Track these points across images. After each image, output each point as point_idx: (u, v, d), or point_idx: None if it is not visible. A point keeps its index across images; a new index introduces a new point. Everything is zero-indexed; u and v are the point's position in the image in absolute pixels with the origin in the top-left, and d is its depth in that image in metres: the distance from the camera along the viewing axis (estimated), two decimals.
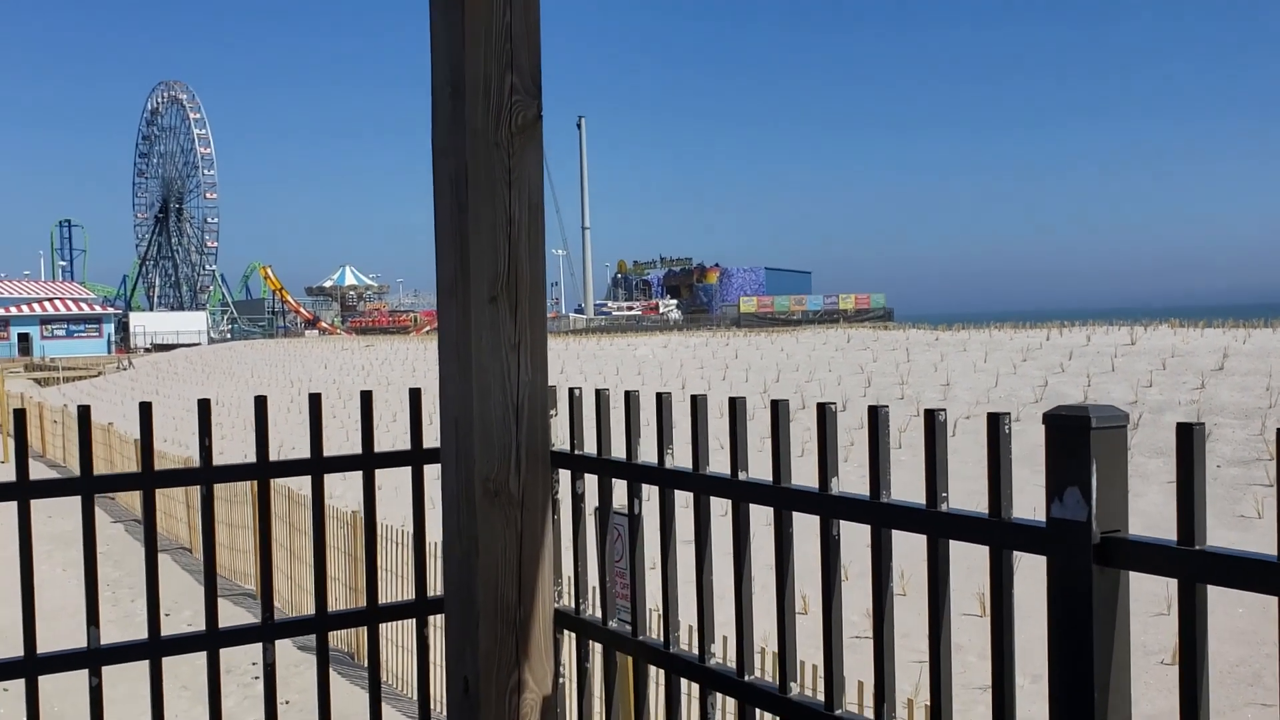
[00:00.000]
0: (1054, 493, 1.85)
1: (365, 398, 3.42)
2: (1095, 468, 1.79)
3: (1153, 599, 10.36)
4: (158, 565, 3.12)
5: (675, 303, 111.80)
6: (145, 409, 3.10)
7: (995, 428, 2.01)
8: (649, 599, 3.06)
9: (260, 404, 3.26)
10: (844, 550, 2.46)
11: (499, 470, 3.04)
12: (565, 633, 3.25)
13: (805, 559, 2.43)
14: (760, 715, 2.62)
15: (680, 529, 2.86)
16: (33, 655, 2.94)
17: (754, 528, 2.65)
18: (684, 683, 2.85)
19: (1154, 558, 1.77)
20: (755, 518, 2.67)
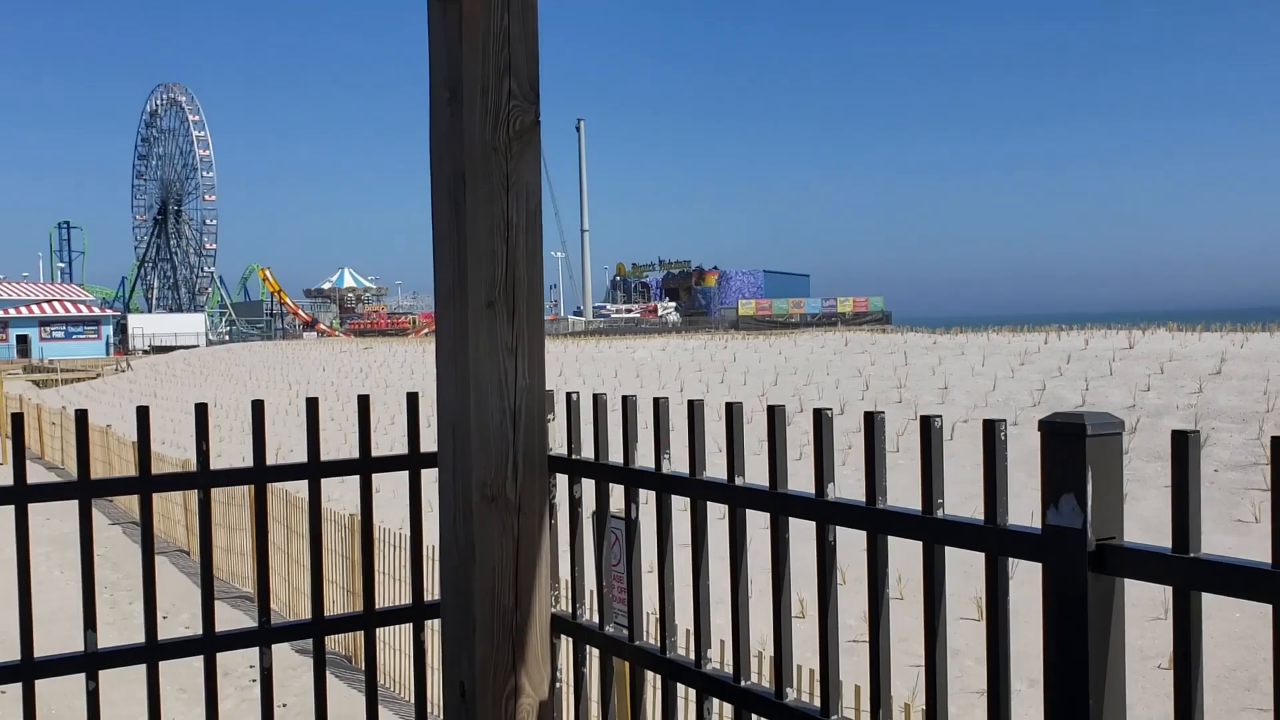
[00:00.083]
0: (1049, 500, 1.85)
1: (362, 402, 3.43)
2: (1091, 475, 1.80)
3: (1150, 603, 10.36)
4: (154, 569, 3.12)
5: (674, 305, 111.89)
6: (142, 413, 3.10)
7: (991, 434, 2.01)
8: (646, 603, 3.06)
9: (257, 408, 3.26)
10: (841, 552, 2.46)
11: (496, 476, 3.04)
12: (562, 637, 3.25)
13: (802, 561, 2.43)
14: None
15: (678, 532, 2.86)
16: (30, 659, 2.94)
17: (751, 531, 2.66)
18: (680, 687, 2.85)
19: (1149, 565, 1.77)
20: (752, 521, 2.68)
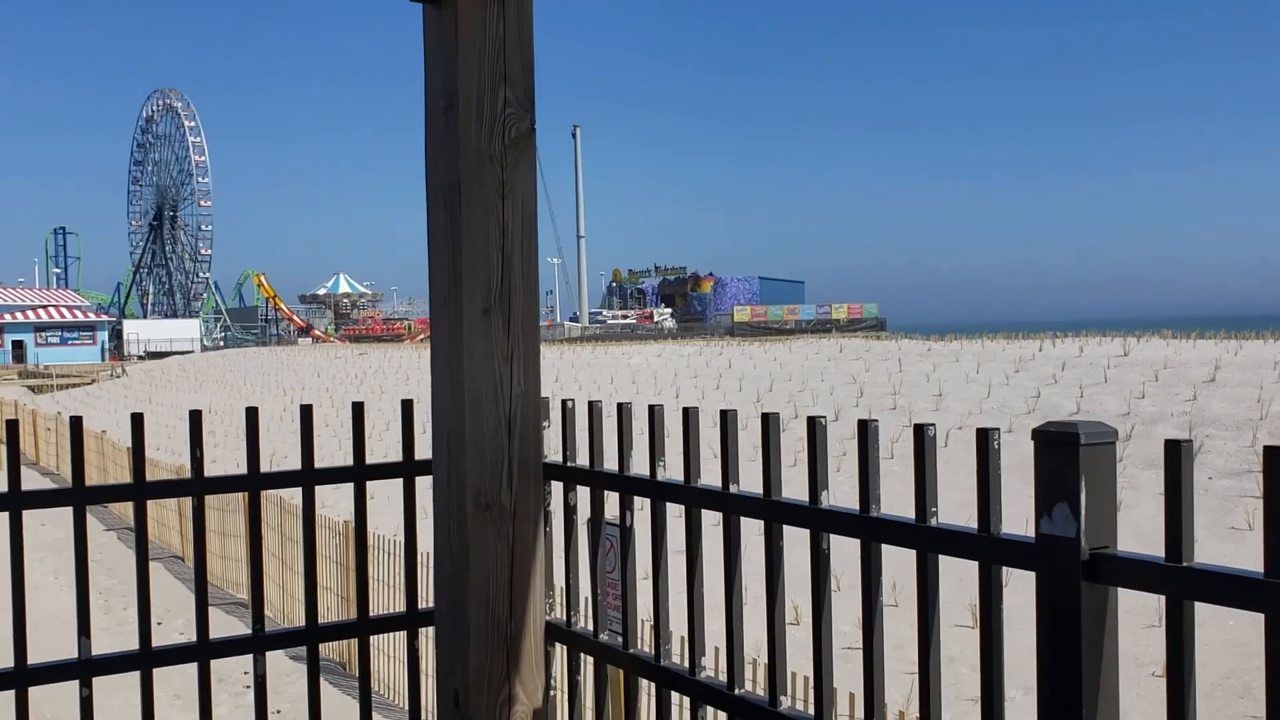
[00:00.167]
0: (1043, 509, 1.86)
1: (357, 409, 3.43)
2: (1084, 484, 1.80)
3: (1144, 611, 10.37)
4: (149, 576, 3.12)
5: (670, 311, 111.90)
6: (137, 420, 3.10)
7: (984, 443, 2.02)
8: (641, 610, 3.06)
9: (251, 415, 3.26)
10: (836, 559, 2.47)
11: (491, 483, 3.04)
12: (557, 645, 3.25)
13: (796, 567, 2.43)
14: None
15: (673, 538, 2.86)
16: (23, 666, 2.93)
17: (746, 537, 2.66)
18: (675, 695, 2.85)
19: (1142, 574, 1.78)
20: (747, 527, 2.68)
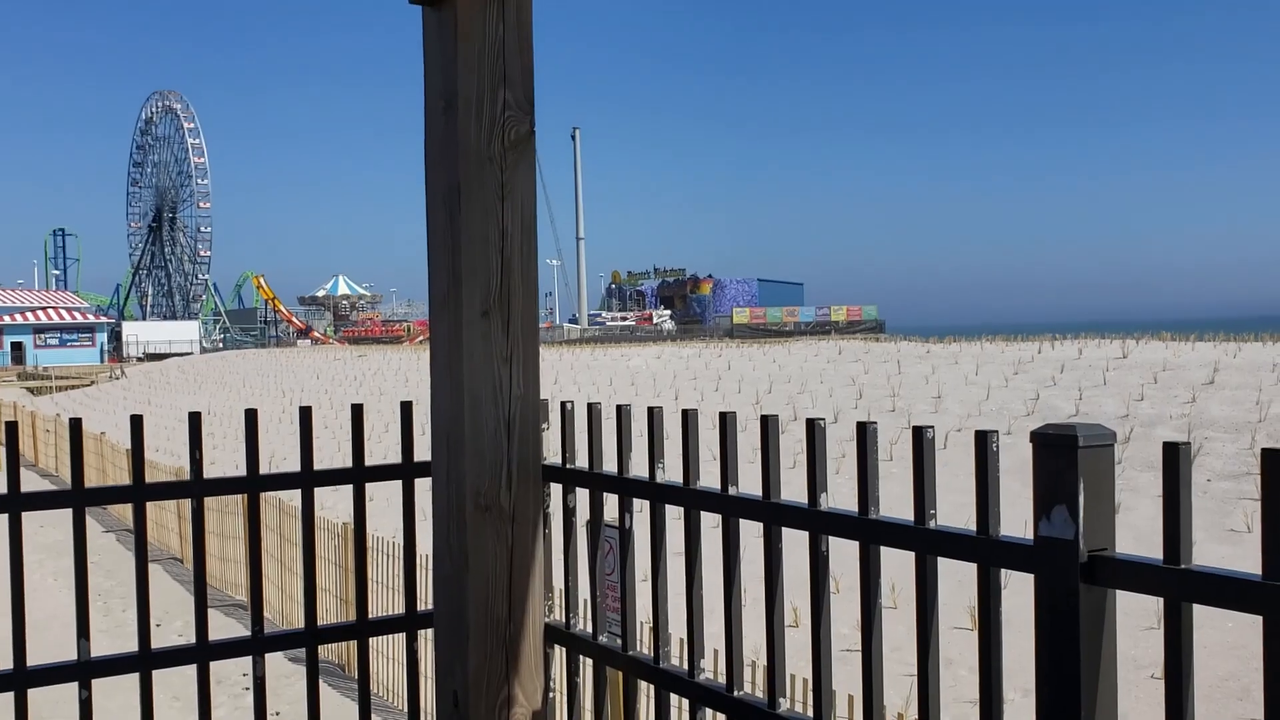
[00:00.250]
0: (1041, 511, 1.86)
1: (356, 411, 3.43)
2: (1082, 486, 1.80)
3: (1143, 613, 10.37)
4: (148, 578, 3.12)
5: (669, 313, 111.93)
6: (137, 423, 3.10)
7: (983, 446, 2.02)
8: (640, 612, 3.06)
9: (250, 417, 3.26)
10: (835, 561, 2.47)
11: (490, 485, 3.04)
12: (556, 647, 3.25)
13: (796, 569, 2.44)
14: None
15: (672, 540, 2.86)
16: (23, 668, 2.93)
17: (745, 539, 2.66)
18: (674, 698, 2.85)
19: (1140, 577, 1.78)
20: (746, 529, 2.68)
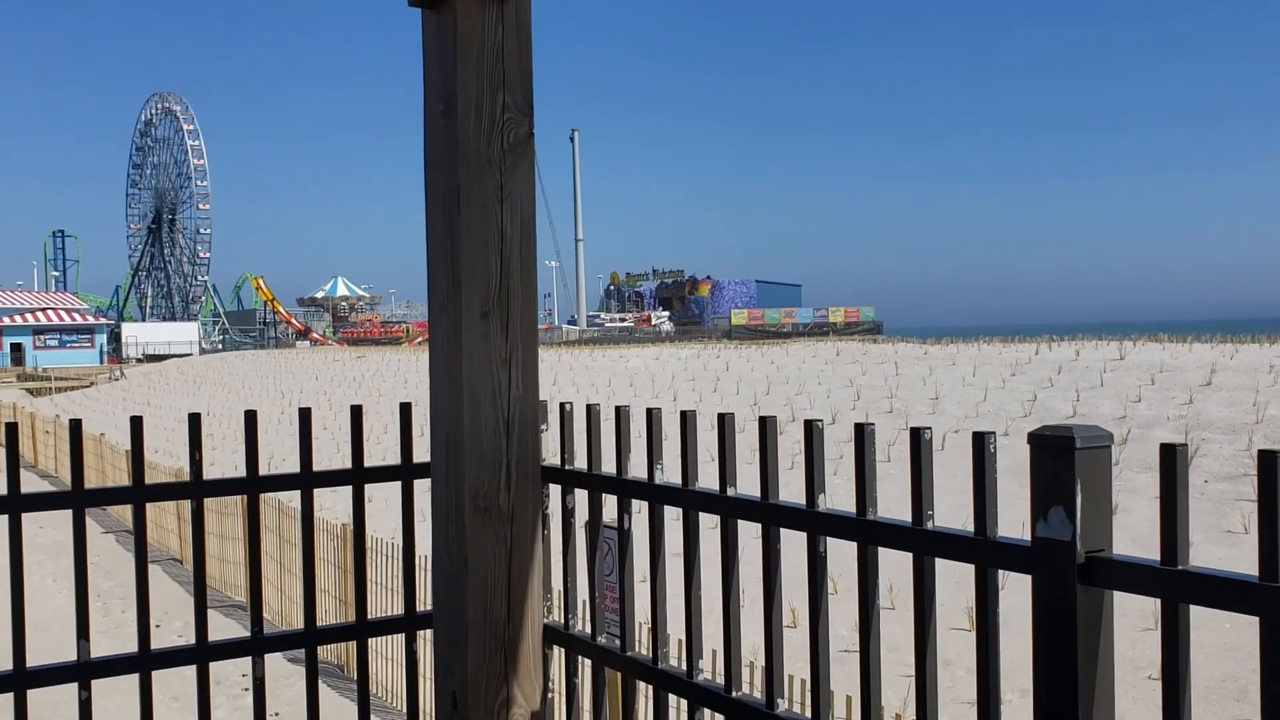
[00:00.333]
0: (1039, 512, 1.87)
1: (355, 412, 3.43)
2: (1080, 487, 1.81)
3: (1140, 614, 10.38)
4: (148, 579, 3.12)
5: (667, 315, 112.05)
6: (136, 424, 3.11)
7: (980, 447, 2.02)
8: (638, 613, 3.07)
9: (250, 418, 3.27)
10: (833, 562, 2.48)
11: (489, 486, 3.04)
12: (554, 648, 3.26)
13: (794, 570, 2.44)
14: None
15: (671, 541, 2.87)
16: (22, 669, 2.94)
17: (743, 540, 2.67)
18: (672, 698, 2.86)
19: (1137, 578, 1.79)
20: (744, 530, 2.69)
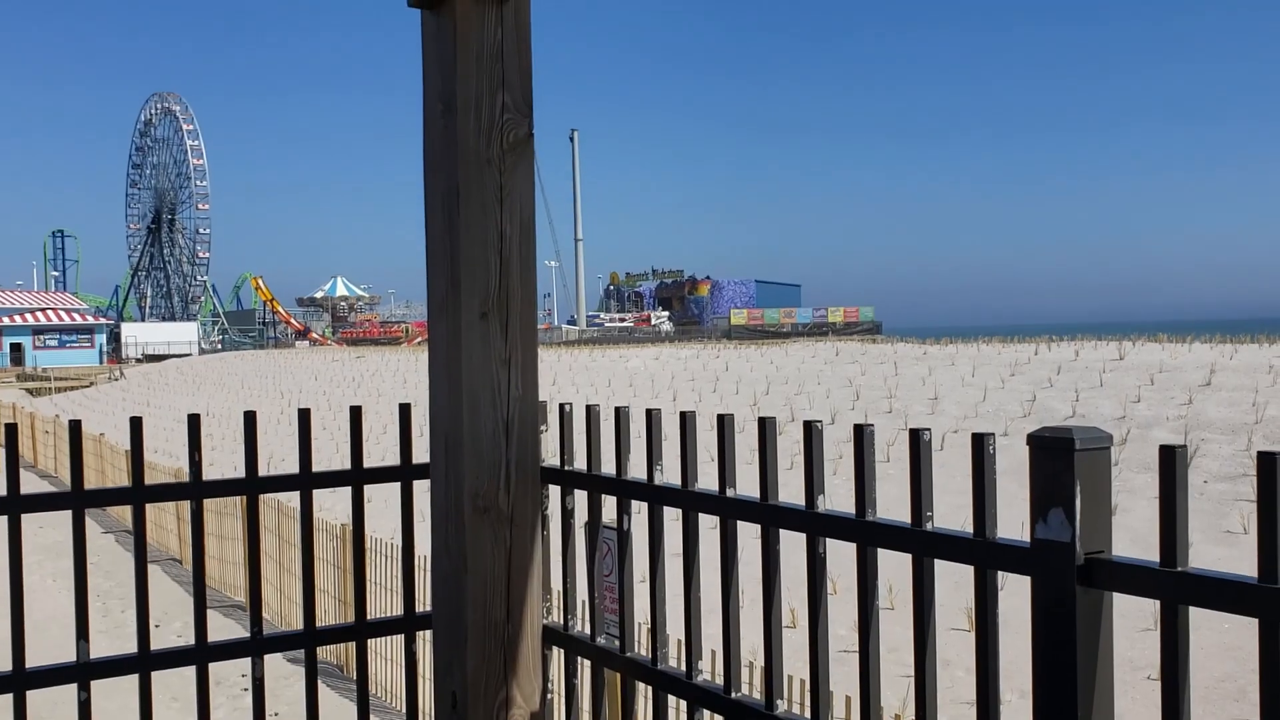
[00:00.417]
0: (1038, 514, 1.87)
1: (354, 413, 3.43)
2: (1079, 489, 1.81)
3: (1140, 615, 10.38)
4: (147, 579, 3.12)
5: (667, 315, 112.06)
6: (136, 425, 3.11)
7: (980, 448, 2.02)
8: (638, 614, 3.07)
9: (249, 419, 3.27)
10: (833, 563, 2.48)
11: (489, 487, 3.05)
12: (554, 649, 3.26)
13: (793, 570, 2.44)
14: None
15: (670, 541, 2.87)
16: (22, 669, 2.94)
17: (743, 540, 2.67)
18: (672, 699, 2.86)
19: (1137, 579, 1.79)
20: (744, 530, 2.69)
